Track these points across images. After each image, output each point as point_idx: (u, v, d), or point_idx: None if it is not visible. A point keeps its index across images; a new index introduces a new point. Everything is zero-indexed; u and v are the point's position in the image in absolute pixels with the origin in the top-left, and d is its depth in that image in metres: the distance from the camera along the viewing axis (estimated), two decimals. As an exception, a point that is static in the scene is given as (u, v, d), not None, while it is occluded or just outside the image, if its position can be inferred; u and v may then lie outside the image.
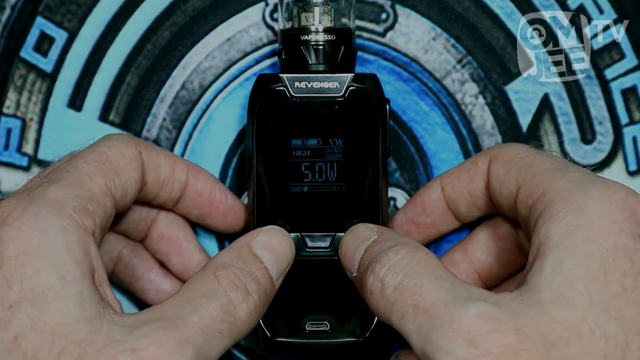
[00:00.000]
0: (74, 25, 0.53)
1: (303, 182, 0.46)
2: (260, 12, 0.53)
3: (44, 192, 0.39)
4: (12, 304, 0.36)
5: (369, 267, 0.40)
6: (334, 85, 0.46)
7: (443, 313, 0.36)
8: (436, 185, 0.48)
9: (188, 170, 0.48)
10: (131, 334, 0.37)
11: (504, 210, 0.45)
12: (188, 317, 0.38)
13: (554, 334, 0.35)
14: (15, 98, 0.53)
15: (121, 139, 0.44)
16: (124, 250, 0.49)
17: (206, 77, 0.53)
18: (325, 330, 0.47)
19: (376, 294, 0.39)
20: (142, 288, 0.50)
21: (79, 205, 0.40)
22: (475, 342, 0.35)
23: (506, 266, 0.48)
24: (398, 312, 0.38)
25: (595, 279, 0.36)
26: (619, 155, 0.52)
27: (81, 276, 0.38)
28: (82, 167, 0.42)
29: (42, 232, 0.38)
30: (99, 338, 0.36)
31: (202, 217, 0.49)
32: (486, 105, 0.53)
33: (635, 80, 0.52)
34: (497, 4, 0.52)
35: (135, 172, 0.44)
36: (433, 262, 0.39)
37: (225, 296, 0.39)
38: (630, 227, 0.37)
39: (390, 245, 0.41)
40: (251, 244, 0.43)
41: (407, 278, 0.38)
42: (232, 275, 0.40)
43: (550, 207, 0.39)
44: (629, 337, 0.36)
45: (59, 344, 0.36)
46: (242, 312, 0.40)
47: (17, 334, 0.36)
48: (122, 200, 0.43)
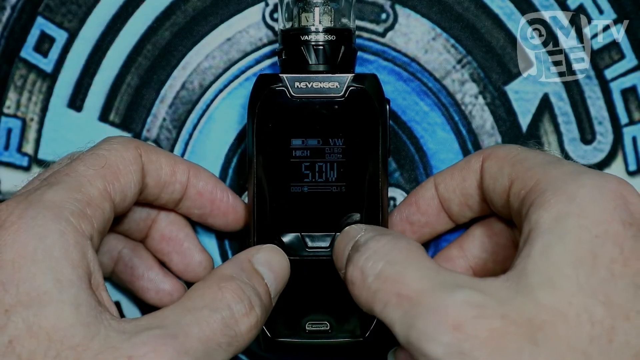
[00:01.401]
0: (74, 26, 0.53)
1: (303, 182, 0.46)
2: (260, 12, 0.53)
3: (42, 196, 0.39)
4: (7, 308, 0.36)
5: (349, 258, 0.40)
6: (334, 86, 0.46)
7: (428, 300, 0.36)
8: (430, 184, 0.48)
9: (189, 170, 0.47)
10: (129, 341, 0.36)
11: (497, 207, 0.45)
12: (188, 327, 0.38)
13: (540, 318, 0.35)
14: (16, 98, 0.53)
15: (121, 142, 0.44)
16: (124, 250, 0.49)
17: (206, 77, 0.53)
18: (325, 330, 0.47)
19: (357, 284, 0.39)
20: (142, 287, 0.50)
21: (77, 209, 0.39)
22: (461, 327, 0.35)
23: (501, 262, 0.48)
24: (380, 301, 0.37)
25: (583, 264, 0.36)
26: (618, 155, 0.52)
27: (77, 280, 0.37)
28: (81, 170, 0.41)
29: (39, 236, 0.38)
30: (95, 343, 0.36)
31: (204, 217, 0.49)
32: (486, 105, 0.53)
33: (635, 80, 0.52)
34: (497, 4, 0.52)
35: (135, 175, 0.44)
36: (416, 250, 0.39)
37: (228, 309, 0.39)
38: (621, 215, 0.37)
39: (372, 235, 0.40)
40: (252, 260, 0.43)
41: (388, 265, 0.38)
42: (237, 288, 0.40)
43: (542, 195, 0.39)
44: (616, 322, 0.35)
45: (54, 349, 0.36)
46: (243, 326, 0.40)
47: (12, 338, 0.36)
48: (122, 204, 0.43)
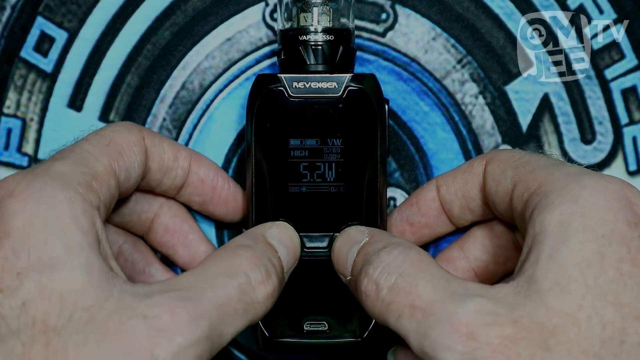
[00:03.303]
0: (74, 26, 0.53)
1: (301, 182, 0.46)
2: (260, 12, 0.53)
3: (50, 168, 0.40)
4: (19, 272, 0.36)
5: (362, 270, 0.40)
6: (333, 86, 0.46)
7: (440, 310, 0.36)
8: (432, 186, 0.48)
9: (191, 157, 0.48)
10: (143, 301, 0.36)
11: (500, 211, 0.45)
12: (204, 292, 0.37)
13: (551, 322, 0.35)
14: (16, 98, 0.53)
15: (125, 125, 0.45)
16: (125, 245, 0.49)
17: (206, 77, 0.53)
18: (323, 330, 0.47)
19: (371, 296, 0.39)
20: (143, 282, 0.50)
21: (84, 181, 0.40)
22: (474, 335, 0.35)
23: (502, 264, 0.48)
24: (394, 313, 0.38)
25: (591, 265, 0.36)
26: (618, 155, 0.52)
27: (88, 246, 0.37)
28: (86, 148, 0.42)
29: (48, 204, 0.38)
30: (108, 304, 0.36)
31: (204, 205, 0.49)
32: (486, 105, 0.53)
33: (635, 80, 0.52)
34: (497, 4, 0.52)
35: (138, 156, 0.44)
36: (427, 261, 0.39)
37: (244, 275, 0.39)
38: (626, 215, 0.37)
39: (382, 246, 0.41)
40: (265, 234, 0.43)
41: (401, 278, 0.38)
42: (253, 255, 0.40)
43: (545, 197, 0.39)
44: (626, 322, 0.35)
45: (67, 310, 0.35)
46: (260, 293, 0.39)
47: (25, 300, 0.36)
48: (126, 182, 0.44)
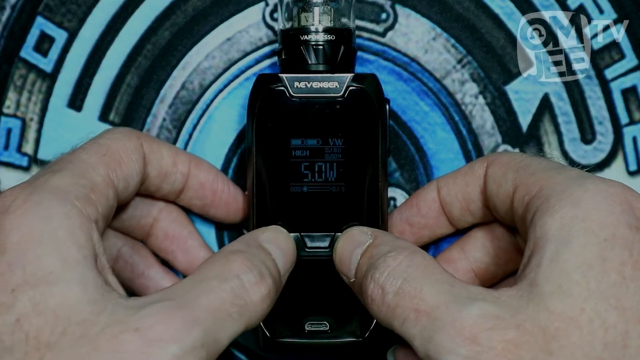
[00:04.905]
0: (74, 25, 0.53)
1: (303, 182, 0.46)
2: (260, 12, 0.53)
3: (47, 182, 0.40)
4: (14, 288, 0.36)
5: (368, 274, 0.40)
6: (334, 85, 0.46)
7: (444, 314, 0.37)
8: (432, 187, 0.48)
9: (190, 161, 0.48)
10: (135, 314, 0.36)
11: (500, 214, 0.45)
12: (197, 298, 0.38)
13: (553, 326, 0.35)
14: (15, 98, 0.53)
15: (123, 132, 0.45)
16: (124, 248, 0.49)
17: (206, 77, 0.53)
18: (324, 330, 0.47)
19: (377, 301, 0.39)
20: (142, 285, 0.50)
21: (82, 194, 0.40)
22: (477, 339, 0.35)
23: (503, 265, 0.48)
24: (399, 317, 0.38)
25: (592, 268, 0.36)
26: (619, 155, 0.52)
27: (83, 260, 0.38)
28: (84, 158, 0.42)
29: (44, 219, 0.38)
30: (102, 318, 0.36)
31: (205, 208, 0.49)
32: (486, 105, 0.53)
33: (635, 80, 0.52)
34: (497, 4, 0.52)
35: (137, 164, 0.44)
36: (431, 265, 0.39)
37: (237, 279, 0.39)
38: (628, 219, 0.37)
39: (387, 250, 0.41)
40: (258, 239, 0.43)
41: (406, 283, 0.39)
42: (245, 259, 0.40)
43: (546, 201, 0.39)
44: (629, 326, 0.35)
45: (60, 325, 0.36)
46: (254, 295, 0.39)
47: (20, 316, 0.36)
48: (125, 192, 0.44)
